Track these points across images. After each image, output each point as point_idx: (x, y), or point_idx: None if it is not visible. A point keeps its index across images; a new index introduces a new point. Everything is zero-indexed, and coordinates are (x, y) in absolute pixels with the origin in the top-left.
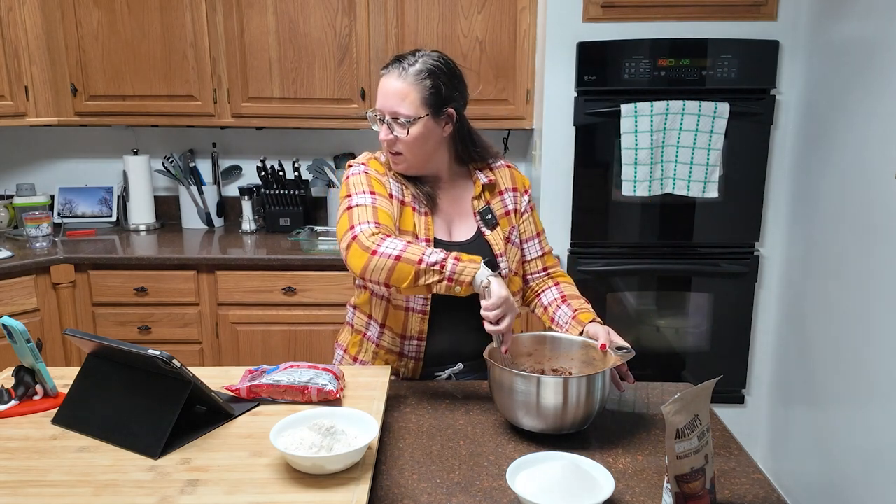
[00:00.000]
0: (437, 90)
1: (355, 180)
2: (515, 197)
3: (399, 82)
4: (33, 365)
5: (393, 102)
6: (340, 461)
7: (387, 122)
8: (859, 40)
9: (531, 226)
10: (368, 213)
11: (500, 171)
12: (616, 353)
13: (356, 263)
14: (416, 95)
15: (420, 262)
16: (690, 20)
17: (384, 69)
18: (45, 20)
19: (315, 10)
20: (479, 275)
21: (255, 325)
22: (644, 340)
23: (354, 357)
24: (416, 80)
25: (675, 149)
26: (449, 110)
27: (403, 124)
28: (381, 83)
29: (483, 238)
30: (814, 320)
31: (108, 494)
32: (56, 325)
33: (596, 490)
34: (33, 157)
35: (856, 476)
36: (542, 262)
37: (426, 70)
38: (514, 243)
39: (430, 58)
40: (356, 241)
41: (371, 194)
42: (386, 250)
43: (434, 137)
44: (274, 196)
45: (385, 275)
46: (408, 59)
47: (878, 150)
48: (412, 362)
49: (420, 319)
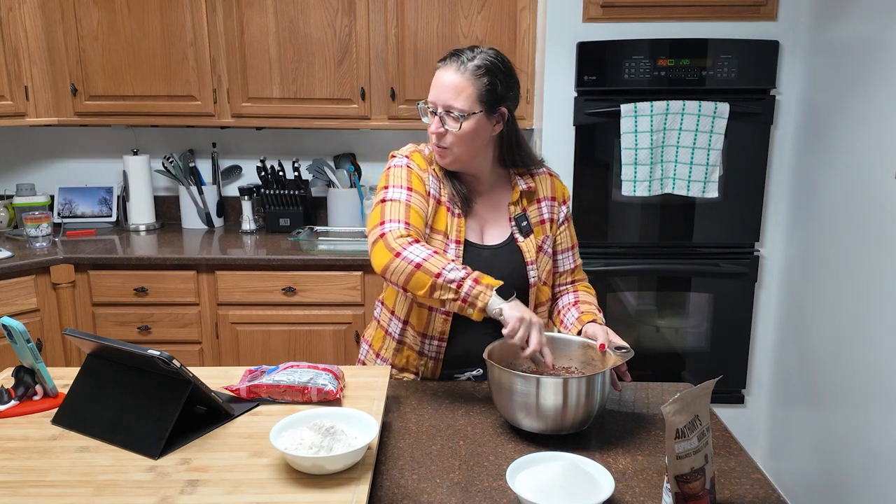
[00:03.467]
0: (493, 87)
1: (395, 172)
2: (553, 206)
3: (456, 76)
4: (33, 365)
5: (448, 96)
6: (340, 461)
7: (439, 114)
8: (859, 40)
9: (567, 238)
10: (401, 212)
11: (540, 179)
12: (615, 353)
13: (379, 262)
14: (472, 90)
15: (438, 275)
16: (690, 20)
17: (441, 62)
18: (45, 20)
19: (315, 10)
20: (491, 302)
21: (254, 325)
22: (644, 340)
23: (377, 353)
24: (474, 75)
25: (674, 149)
26: (502, 109)
27: (457, 118)
28: (437, 75)
29: (515, 244)
30: (814, 320)
31: (108, 494)
32: (56, 325)
33: (596, 490)
34: (33, 157)
35: (856, 476)
36: (572, 275)
37: (484, 66)
38: (547, 252)
39: (488, 55)
40: (383, 239)
41: (408, 191)
42: (409, 255)
43: (484, 135)
44: (274, 196)
45: (404, 279)
46: (466, 54)
47: (878, 150)
48: (431, 362)
49: (443, 320)
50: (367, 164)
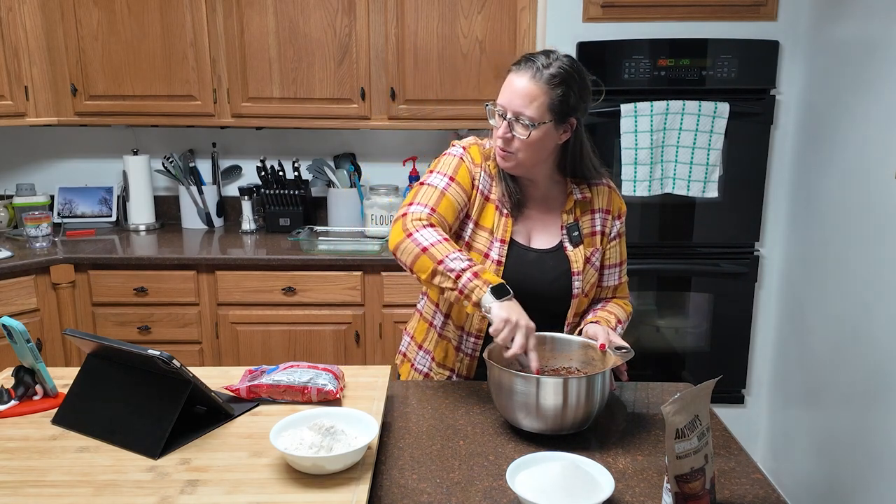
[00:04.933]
0: (565, 98)
1: (446, 161)
2: (606, 219)
3: (531, 84)
4: (33, 365)
5: (520, 103)
6: (340, 461)
7: (508, 119)
8: (859, 40)
9: (617, 253)
10: (432, 198)
11: (598, 190)
12: (615, 353)
13: (393, 239)
14: (544, 99)
15: (440, 262)
16: (690, 20)
17: (515, 66)
18: (45, 20)
19: (315, 10)
20: (484, 298)
21: (254, 325)
22: (644, 340)
23: (420, 344)
24: (549, 84)
25: (674, 149)
26: (571, 120)
27: (526, 126)
28: (509, 79)
29: (563, 252)
30: (814, 320)
31: (108, 494)
32: (56, 325)
33: (596, 490)
34: (33, 157)
35: (856, 476)
36: (615, 292)
37: (560, 76)
38: (594, 265)
39: (564, 63)
40: (403, 219)
41: (449, 180)
42: (419, 237)
43: (550, 144)
44: (274, 196)
45: (411, 260)
46: (541, 61)
47: (878, 150)
48: (467, 359)
49: (480, 317)
50: (367, 164)
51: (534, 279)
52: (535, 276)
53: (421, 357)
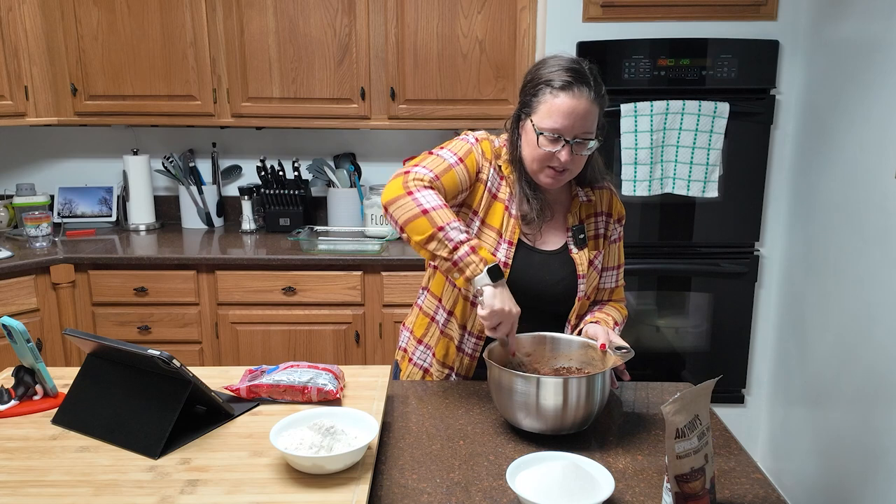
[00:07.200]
0: (603, 108)
1: (458, 144)
2: (608, 223)
3: (590, 105)
4: (33, 365)
5: (586, 125)
6: (340, 461)
7: (572, 143)
8: (859, 40)
9: (615, 257)
10: (439, 167)
11: (600, 193)
12: (615, 354)
13: (389, 193)
14: (598, 114)
15: (441, 228)
16: (690, 20)
17: (568, 88)
18: (45, 20)
19: (315, 10)
20: (478, 278)
21: (254, 325)
22: (644, 340)
23: (419, 339)
24: (599, 98)
25: (674, 148)
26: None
27: (588, 146)
28: (569, 105)
29: (569, 254)
30: (814, 320)
31: (108, 494)
32: (56, 325)
33: (596, 490)
34: (33, 157)
35: (856, 476)
36: (611, 294)
37: (602, 86)
38: (596, 268)
39: (596, 72)
40: (404, 176)
41: (459, 160)
42: (420, 198)
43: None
44: (274, 196)
45: (406, 218)
46: (588, 76)
47: (878, 150)
48: (467, 359)
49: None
50: (366, 163)
51: (540, 281)
52: (542, 277)
53: (420, 352)
